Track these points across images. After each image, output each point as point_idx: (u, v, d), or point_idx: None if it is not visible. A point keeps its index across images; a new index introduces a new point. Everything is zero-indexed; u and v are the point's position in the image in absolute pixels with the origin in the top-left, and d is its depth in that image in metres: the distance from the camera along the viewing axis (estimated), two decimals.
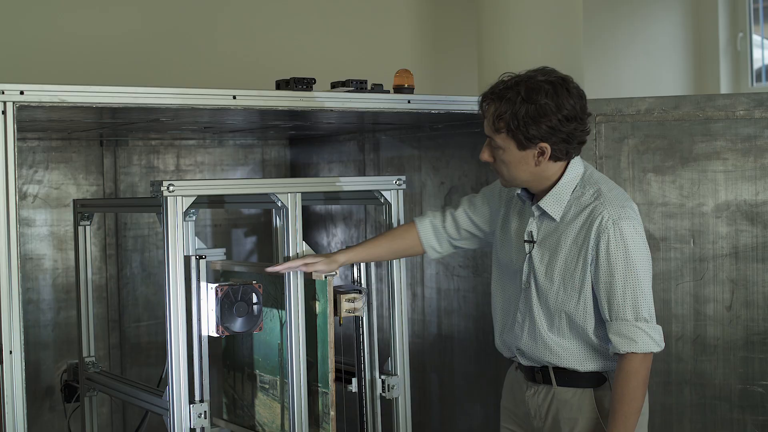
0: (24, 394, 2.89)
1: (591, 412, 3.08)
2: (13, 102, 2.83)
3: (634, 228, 2.97)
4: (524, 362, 3.21)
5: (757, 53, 8.14)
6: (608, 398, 3.07)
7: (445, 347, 4.68)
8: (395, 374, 3.61)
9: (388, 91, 3.63)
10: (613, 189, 3.07)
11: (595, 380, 3.09)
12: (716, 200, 3.92)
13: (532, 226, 3.13)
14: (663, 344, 2.99)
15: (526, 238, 3.14)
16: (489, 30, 5.19)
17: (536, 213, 3.11)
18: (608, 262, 2.95)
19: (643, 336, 2.94)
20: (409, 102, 3.63)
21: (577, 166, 3.08)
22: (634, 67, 7.58)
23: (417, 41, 6.43)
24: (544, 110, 2.93)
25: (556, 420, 3.13)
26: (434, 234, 3.47)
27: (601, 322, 3.04)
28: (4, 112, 2.80)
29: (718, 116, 3.91)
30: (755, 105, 3.88)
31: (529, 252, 3.12)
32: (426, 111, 3.69)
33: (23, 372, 2.88)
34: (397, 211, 3.60)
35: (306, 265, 3.30)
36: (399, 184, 3.60)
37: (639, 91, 6.92)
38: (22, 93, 2.84)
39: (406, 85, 3.67)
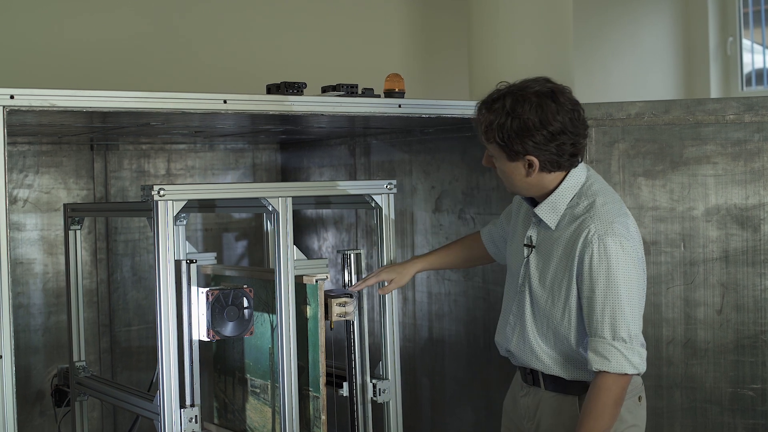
0: (14, 399, 2.88)
1: (571, 420, 3.07)
2: (4, 106, 2.82)
3: (620, 245, 2.90)
4: (515, 363, 3.24)
5: (747, 57, 8.17)
6: None
7: (436, 351, 4.68)
8: (386, 378, 3.61)
9: (378, 96, 3.64)
10: (608, 203, 3.00)
11: (580, 388, 3.07)
12: (706, 204, 3.93)
13: (532, 231, 3.13)
14: (642, 368, 2.94)
15: (525, 242, 3.14)
16: (479, 34, 5.19)
17: (534, 219, 3.11)
18: (590, 278, 2.91)
19: (618, 356, 2.88)
20: (399, 106, 3.63)
21: (577, 175, 3.05)
22: (624, 71, 7.60)
23: (408, 46, 6.43)
24: (527, 125, 2.90)
25: (542, 423, 3.15)
26: (492, 242, 3.54)
27: (584, 336, 3.01)
28: None
29: (708, 120, 3.92)
30: (745, 109, 3.89)
31: (527, 257, 3.13)
32: (417, 115, 3.69)
33: (13, 376, 2.87)
34: (388, 215, 3.60)
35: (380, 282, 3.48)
36: (390, 188, 3.60)
37: (629, 95, 6.95)
38: (12, 97, 2.84)
39: (396, 90, 3.67)
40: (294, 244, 3.35)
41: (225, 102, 3.24)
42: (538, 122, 2.90)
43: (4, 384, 2.86)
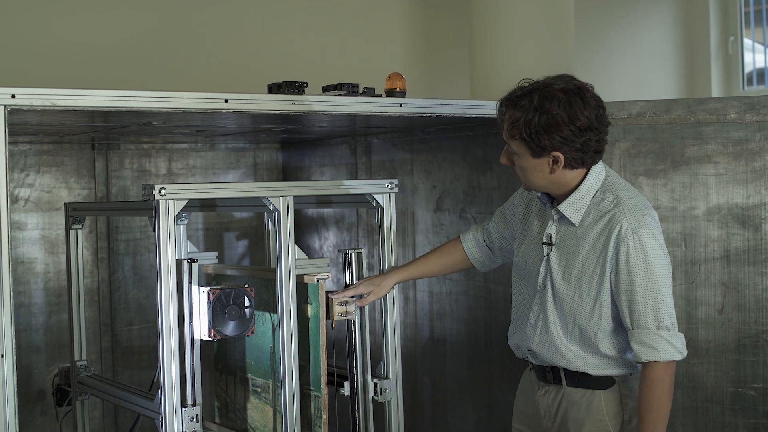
0: (15, 398, 2.88)
1: (598, 414, 3.09)
2: (5, 105, 2.82)
3: (653, 236, 2.96)
4: (535, 362, 3.22)
5: (748, 57, 8.17)
6: (617, 400, 3.10)
7: (437, 351, 4.68)
8: (387, 378, 3.61)
9: (380, 95, 3.63)
10: (634, 197, 3.06)
11: (604, 383, 3.10)
12: (708, 203, 3.93)
13: (552, 228, 3.13)
14: (685, 352, 3.00)
15: (544, 240, 3.14)
16: (481, 34, 5.19)
17: (556, 216, 3.12)
18: (628, 271, 2.95)
19: (665, 344, 2.94)
20: (400, 105, 3.63)
21: (598, 172, 3.08)
22: (626, 71, 7.60)
23: (409, 45, 6.43)
24: (555, 120, 2.91)
25: (565, 420, 3.15)
26: (478, 248, 3.55)
27: (613, 332, 3.04)
28: None
29: (709, 120, 3.92)
30: (746, 108, 3.89)
31: (547, 254, 3.13)
32: (418, 114, 3.69)
33: (15, 376, 2.87)
34: (390, 215, 3.59)
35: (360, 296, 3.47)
36: (391, 188, 3.60)
37: (630, 95, 6.94)
38: (13, 96, 2.84)
39: (397, 89, 3.67)
40: (295, 243, 3.34)
41: (226, 101, 3.24)
42: (566, 117, 2.92)
43: (5, 383, 2.86)
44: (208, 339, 3.22)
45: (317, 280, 3.37)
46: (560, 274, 3.09)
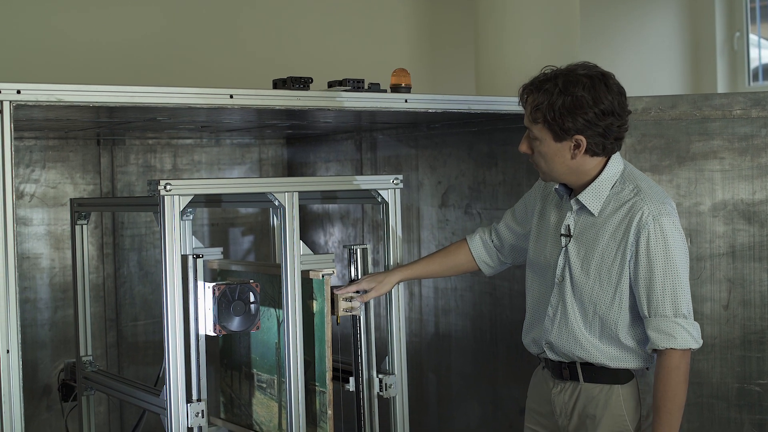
0: (21, 394, 2.88)
1: (617, 409, 3.08)
2: (10, 101, 2.82)
3: (673, 224, 2.99)
4: (552, 357, 3.20)
5: (753, 52, 8.15)
6: (635, 395, 3.10)
7: (443, 346, 4.68)
8: (393, 373, 3.61)
9: (385, 91, 3.63)
10: (653, 186, 3.08)
11: (623, 377, 3.10)
12: (713, 199, 3.92)
13: (570, 220, 3.13)
14: (701, 341, 3.00)
15: (563, 232, 3.14)
16: (486, 29, 5.19)
17: (574, 207, 3.12)
18: (648, 258, 2.96)
19: (682, 332, 2.95)
20: (406, 101, 3.63)
21: (617, 162, 3.09)
22: (631, 67, 7.58)
23: (414, 40, 6.43)
24: (580, 103, 2.93)
25: (582, 417, 3.14)
26: (485, 249, 3.55)
27: (633, 322, 3.05)
28: (0, 111, 2.79)
29: (715, 115, 3.92)
30: (752, 104, 3.88)
31: (565, 246, 3.13)
32: (423, 110, 3.68)
33: (20, 371, 2.87)
34: (395, 211, 3.59)
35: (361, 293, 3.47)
36: (396, 183, 3.60)
37: (636, 91, 6.91)
38: (19, 92, 2.84)
39: (403, 85, 3.66)
40: (300, 239, 3.35)
41: (231, 97, 3.24)
42: (590, 100, 2.94)
43: (11, 378, 2.86)
44: (214, 334, 3.22)
45: (322, 276, 3.37)
46: (579, 265, 3.09)
